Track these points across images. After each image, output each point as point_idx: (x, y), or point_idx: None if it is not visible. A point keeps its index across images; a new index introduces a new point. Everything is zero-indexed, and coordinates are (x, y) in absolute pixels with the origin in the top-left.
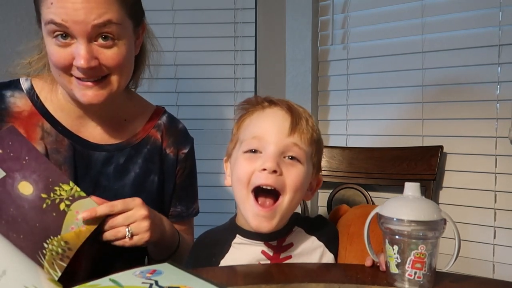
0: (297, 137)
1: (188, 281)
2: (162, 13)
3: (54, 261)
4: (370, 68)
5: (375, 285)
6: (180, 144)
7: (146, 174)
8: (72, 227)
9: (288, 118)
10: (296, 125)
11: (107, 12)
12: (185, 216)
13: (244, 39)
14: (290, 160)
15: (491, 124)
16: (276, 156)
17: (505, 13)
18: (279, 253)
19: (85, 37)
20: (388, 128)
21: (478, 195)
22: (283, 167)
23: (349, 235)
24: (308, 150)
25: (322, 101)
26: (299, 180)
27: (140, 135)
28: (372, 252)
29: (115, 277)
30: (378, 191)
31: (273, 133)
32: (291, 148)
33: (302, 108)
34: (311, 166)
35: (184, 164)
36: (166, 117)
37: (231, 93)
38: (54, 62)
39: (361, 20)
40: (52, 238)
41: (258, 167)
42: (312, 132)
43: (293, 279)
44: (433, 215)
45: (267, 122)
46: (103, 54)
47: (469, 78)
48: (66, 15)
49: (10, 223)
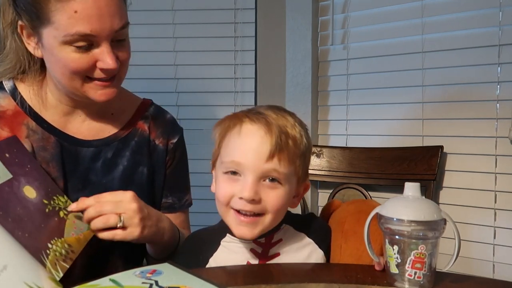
0: (276, 161)
1: (188, 281)
2: (162, 13)
3: (57, 262)
4: (370, 68)
5: (375, 285)
6: (169, 134)
7: (135, 166)
8: (72, 233)
9: (267, 141)
10: (275, 148)
11: (123, 14)
12: (177, 208)
13: (244, 39)
14: (270, 182)
15: (491, 124)
16: (254, 184)
17: (505, 13)
18: (268, 249)
19: (109, 40)
20: (388, 128)
21: (478, 195)
22: (262, 192)
23: (343, 232)
24: (290, 170)
25: (322, 101)
26: (279, 202)
27: (127, 128)
28: (372, 252)
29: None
30: (378, 191)
31: (251, 159)
32: (271, 173)
33: (288, 116)
34: (294, 180)
35: (173, 154)
36: (153, 108)
37: (231, 93)
38: (74, 69)
39: (361, 20)
40: (56, 239)
41: (237, 193)
42: (294, 149)
43: (293, 279)
44: (433, 215)
45: (246, 146)
46: (119, 53)
47: (469, 78)
48: (94, 25)
49: (17, 221)
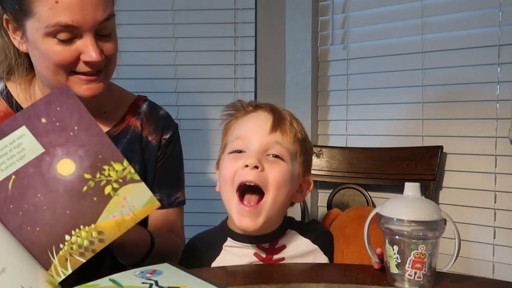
0: (279, 135)
1: (188, 281)
2: (162, 13)
3: (70, 257)
4: (370, 68)
5: (375, 285)
6: (163, 130)
7: None
8: (114, 215)
9: (270, 118)
10: (278, 124)
11: (108, 6)
12: (165, 205)
13: (244, 39)
14: (273, 158)
15: (491, 124)
16: (258, 153)
17: (505, 13)
18: (272, 255)
19: (92, 32)
20: (388, 128)
21: (478, 195)
22: (266, 164)
23: (345, 237)
24: (292, 149)
25: (322, 101)
26: (281, 177)
27: (120, 126)
28: (372, 253)
29: (115, 277)
30: (378, 191)
31: (256, 132)
32: (274, 146)
33: (288, 111)
34: (296, 165)
35: (165, 149)
36: (146, 105)
37: (231, 93)
38: (57, 61)
39: (361, 20)
40: (82, 228)
41: (241, 165)
42: (295, 132)
43: (293, 279)
44: (433, 215)
45: (250, 123)
46: (105, 46)
47: (469, 78)
48: (76, 15)
49: (30, 213)
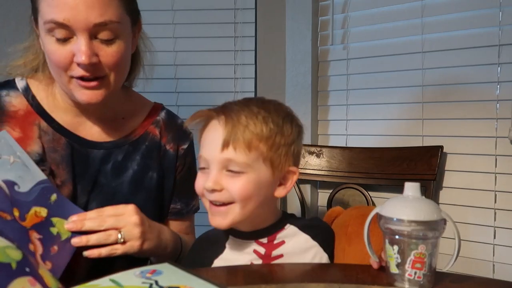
0: (231, 151)
1: (188, 281)
2: (162, 13)
3: None
4: (370, 68)
5: (375, 285)
6: (180, 139)
7: (144, 170)
8: None
9: (221, 131)
10: (229, 138)
11: (108, 11)
12: (184, 213)
13: (244, 39)
14: (232, 173)
15: (491, 124)
16: (216, 174)
17: (505, 13)
18: (271, 250)
19: (86, 33)
20: (388, 128)
21: (478, 195)
22: (225, 181)
23: (347, 235)
24: (250, 157)
25: (322, 101)
26: (244, 190)
27: (138, 132)
28: (372, 252)
29: (115, 277)
30: (378, 191)
31: (210, 150)
32: (228, 163)
33: (253, 106)
34: (264, 168)
35: (183, 160)
36: (164, 113)
37: (231, 93)
38: (54, 61)
39: (361, 20)
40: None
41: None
42: (251, 139)
43: (293, 279)
44: (433, 215)
45: (207, 141)
46: (103, 51)
47: (469, 78)
48: (68, 13)
49: None
